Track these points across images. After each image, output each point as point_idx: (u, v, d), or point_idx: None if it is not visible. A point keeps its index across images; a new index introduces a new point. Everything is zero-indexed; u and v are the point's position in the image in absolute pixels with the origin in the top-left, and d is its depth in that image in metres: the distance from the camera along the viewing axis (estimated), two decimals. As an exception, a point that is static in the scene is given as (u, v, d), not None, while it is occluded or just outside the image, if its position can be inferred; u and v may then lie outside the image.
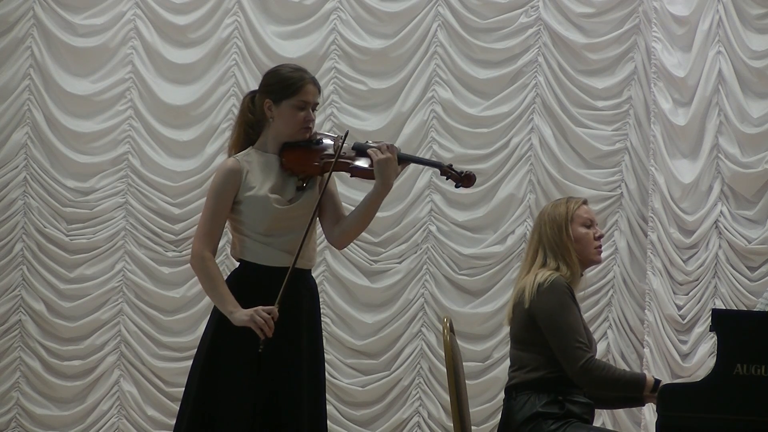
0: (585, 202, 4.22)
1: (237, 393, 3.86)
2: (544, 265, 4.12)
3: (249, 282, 3.93)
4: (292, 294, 3.90)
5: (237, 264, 4.02)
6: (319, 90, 4.03)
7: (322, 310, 6.73)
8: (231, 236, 4.06)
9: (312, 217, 3.93)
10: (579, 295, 4.20)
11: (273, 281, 3.87)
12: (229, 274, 4.05)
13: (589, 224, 4.16)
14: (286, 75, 4.00)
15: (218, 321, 3.94)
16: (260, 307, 3.82)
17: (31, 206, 7.06)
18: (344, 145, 3.95)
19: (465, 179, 3.97)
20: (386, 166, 3.91)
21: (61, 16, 7.13)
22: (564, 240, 4.11)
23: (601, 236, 4.19)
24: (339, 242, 4.09)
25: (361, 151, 4.00)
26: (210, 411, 3.89)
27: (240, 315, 3.85)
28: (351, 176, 4.04)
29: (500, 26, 6.94)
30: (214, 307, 3.98)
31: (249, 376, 3.86)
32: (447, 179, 4.01)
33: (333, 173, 3.94)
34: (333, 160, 3.93)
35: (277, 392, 3.87)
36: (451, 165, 4.02)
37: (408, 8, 6.98)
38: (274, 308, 3.83)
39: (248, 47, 7.02)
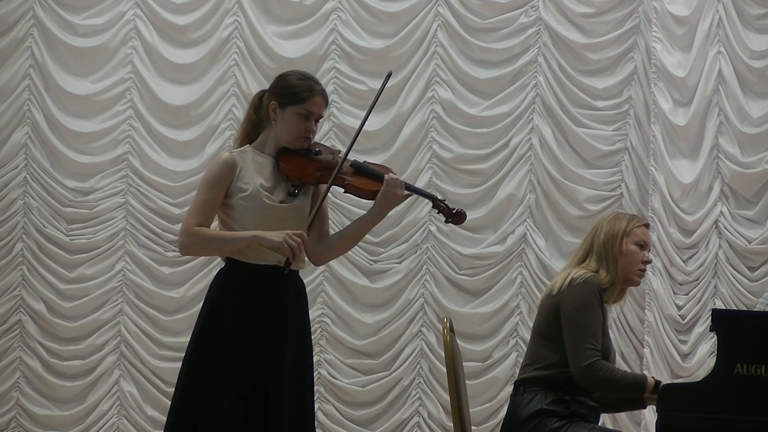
0: (647, 225, 4.25)
1: (221, 387, 3.87)
2: (587, 265, 4.16)
3: (236, 280, 3.94)
4: (278, 292, 3.93)
5: (224, 264, 4.02)
6: (326, 103, 4.04)
7: (322, 310, 6.87)
8: None
9: (310, 222, 3.95)
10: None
11: (259, 279, 3.90)
12: (216, 273, 4.04)
13: (642, 245, 4.19)
14: (296, 82, 4.02)
15: (205, 317, 3.95)
16: (290, 231, 3.86)
17: (31, 206, 7.06)
18: (344, 162, 3.97)
19: (456, 216, 4.06)
20: (394, 200, 4.00)
21: (61, 16, 7.12)
22: (614, 249, 4.15)
23: (648, 261, 4.22)
24: (319, 259, 4.12)
25: (359, 168, 4.03)
26: (195, 406, 3.89)
27: (270, 235, 3.86)
28: (345, 192, 4.06)
29: (500, 26, 6.94)
30: (201, 306, 3.99)
31: (233, 371, 3.87)
32: (438, 213, 4.08)
33: (329, 187, 3.96)
34: (331, 173, 3.94)
35: (260, 386, 3.88)
36: (444, 200, 4.08)
37: (408, 8, 6.98)
38: (303, 232, 3.87)
39: (248, 47, 7.02)
